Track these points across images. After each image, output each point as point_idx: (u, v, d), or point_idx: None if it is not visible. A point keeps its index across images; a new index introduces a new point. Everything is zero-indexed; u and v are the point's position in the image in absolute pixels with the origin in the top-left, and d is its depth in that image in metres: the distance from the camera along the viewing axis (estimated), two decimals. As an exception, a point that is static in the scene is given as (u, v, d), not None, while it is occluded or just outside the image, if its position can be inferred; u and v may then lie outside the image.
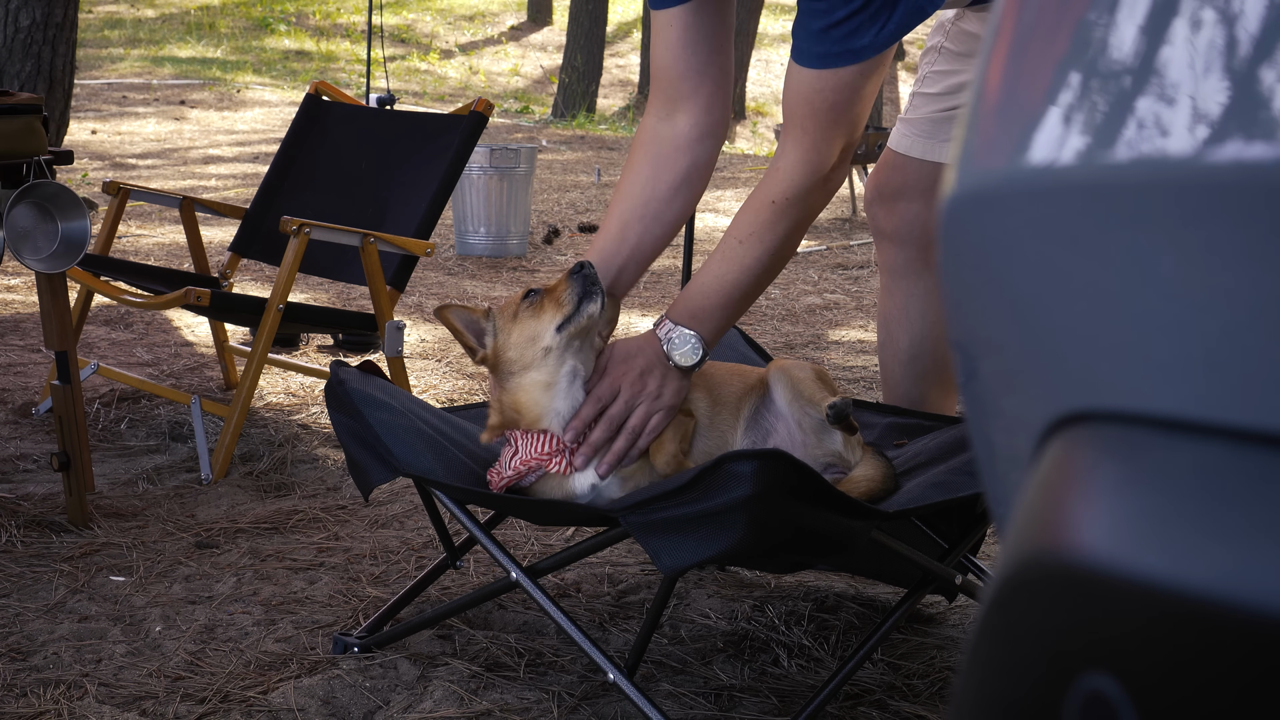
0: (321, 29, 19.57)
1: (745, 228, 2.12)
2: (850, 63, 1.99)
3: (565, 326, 2.07)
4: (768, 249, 2.11)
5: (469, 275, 6.28)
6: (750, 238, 2.11)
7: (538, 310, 2.10)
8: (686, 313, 2.12)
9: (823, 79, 2.02)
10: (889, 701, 2.23)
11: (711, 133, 2.25)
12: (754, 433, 2.22)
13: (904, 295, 2.76)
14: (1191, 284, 0.57)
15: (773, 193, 2.10)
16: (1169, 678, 0.53)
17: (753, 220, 2.11)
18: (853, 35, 1.96)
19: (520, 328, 2.10)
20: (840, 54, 1.98)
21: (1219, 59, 0.57)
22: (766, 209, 2.10)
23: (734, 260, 2.12)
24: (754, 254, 2.11)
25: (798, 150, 2.08)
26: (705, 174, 2.28)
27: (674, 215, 2.26)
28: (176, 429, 3.70)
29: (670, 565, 1.84)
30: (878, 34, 1.96)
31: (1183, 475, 0.57)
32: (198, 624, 2.46)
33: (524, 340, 2.09)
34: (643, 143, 2.27)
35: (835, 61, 1.99)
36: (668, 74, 2.23)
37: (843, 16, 1.94)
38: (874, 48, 1.97)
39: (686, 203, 2.27)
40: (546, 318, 2.08)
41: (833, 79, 2.01)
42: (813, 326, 5.38)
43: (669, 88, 2.24)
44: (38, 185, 2.77)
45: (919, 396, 2.76)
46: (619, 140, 12.99)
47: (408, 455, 2.10)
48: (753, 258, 2.11)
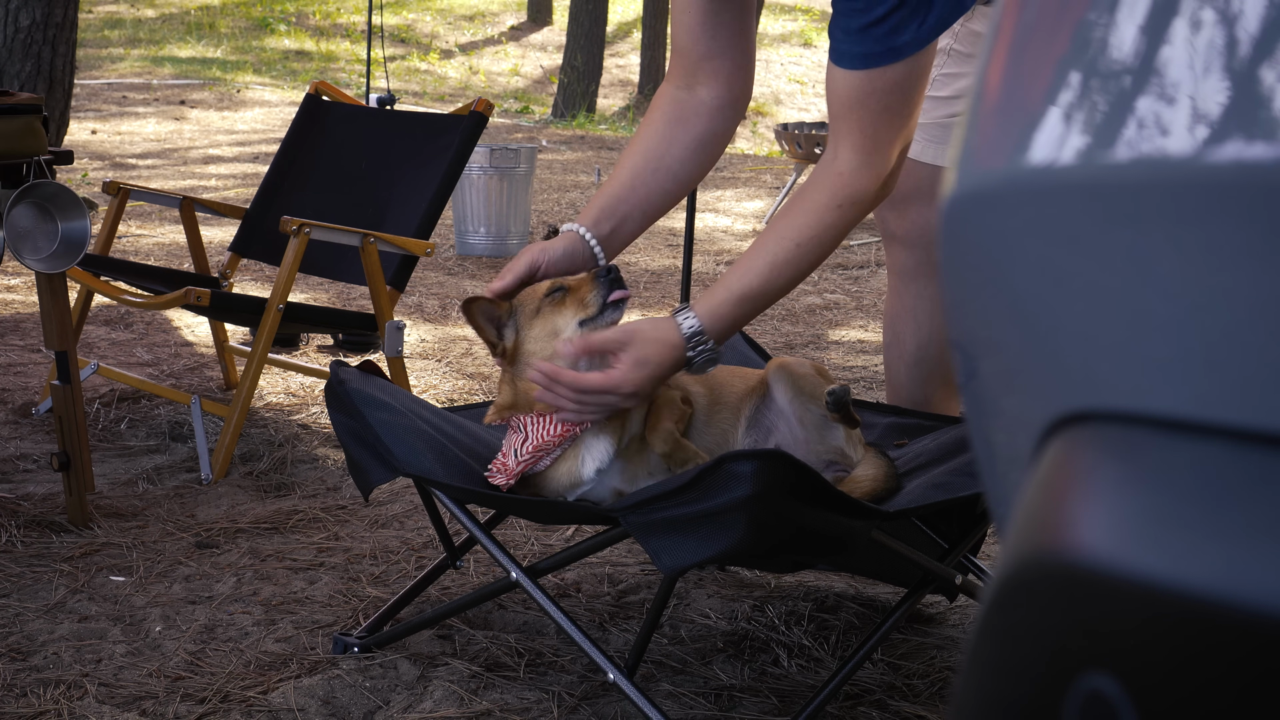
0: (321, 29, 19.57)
1: (806, 230, 2.03)
2: (892, 60, 1.94)
3: (587, 325, 2.05)
4: (823, 253, 2.05)
5: (469, 275, 6.28)
6: (811, 241, 2.03)
7: (559, 306, 2.08)
8: (728, 323, 2.02)
9: (871, 81, 1.97)
10: (889, 701, 2.23)
11: (732, 105, 2.21)
12: (755, 431, 2.22)
13: (912, 297, 2.76)
14: (1191, 284, 0.57)
15: (838, 197, 2.02)
16: (1169, 678, 0.53)
17: (816, 224, 2.03)
18: (894, 33, 1.92)
19: (542, 322, 2.09)
20: (883, 53, 1.95)
21: (1219, 59, 0.57)
22: (831, 212, 2.02)
23: (790, 265, 2.03)
24: (810, 259, 2.04)
25: (858, 155, 2.02)
26: (721, 143, 2.24)
27: (686, 175, 2.21)
28: (176, 429, 3.70)
29: (670, 565, 1.84)
30: (919, 29, 1.92)
31: (1182, 475, 0.57)
32: (198, 624, 2.46)
33: (544, 334, 2.08)
34: (661, 105, 2.22)
35: (878, 61, 1.95)
36: (688, 55, 2.20)
37: (882, 14, 1.91)
38: (916, 43, 1.94)
39: (700, 165, 2.22)
40: (568, 314, 2.06)
41: (880, 80, 1.96)
42: (813, 326, 5.38)
43: (690, 66, 2.20)
44: (38, 185, 2.77)
45: (924, 398, 2.76)
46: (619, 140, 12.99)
47: (408, 455, 2.10)
48: (808, 263, 2.04)
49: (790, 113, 16.31)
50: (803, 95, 17.08)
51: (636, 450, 2.11)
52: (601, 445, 2.09)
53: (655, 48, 16.68)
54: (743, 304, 2.03)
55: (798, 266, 2.04)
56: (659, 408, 2.11)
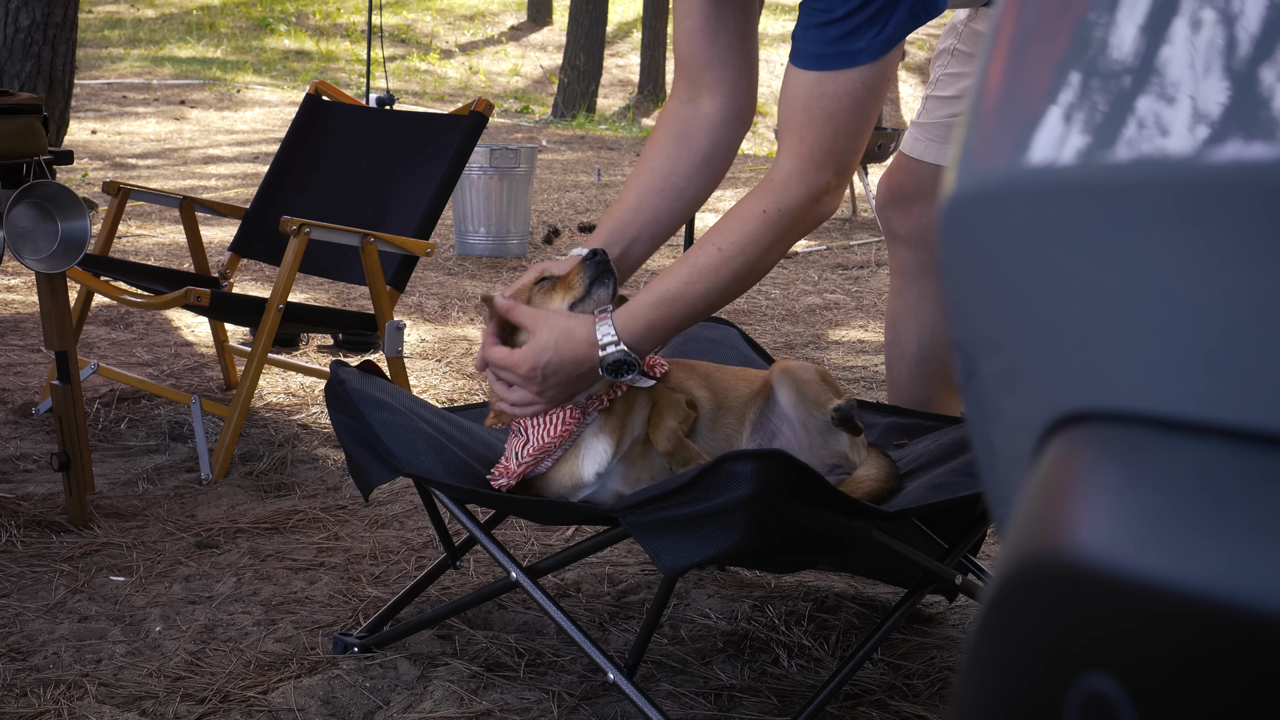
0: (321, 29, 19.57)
1: (728, 236, 2.02)
2: (846, 65, 1.95)
3: (576, 308, 2.07)
4: (749, 263, 2.02)
5: (469, 275, 6.28)
6: (731, 247, 2.01)
7: (548, 294, 2.11)
8: (642, 327, 2.02)
9: (822, 84, 1.97)
10: (889, 701, 2.23)
11: (736, 116, 2.20)
12: (759, 435, 2.22)
13: (914, 297, 2.76)
14: (1191, 284, 0.57)
15: (764, 202, 2.01)
16: (1169, 678, 0.53)
17: (738, 230, 2.01)
18: (849, 37, 1.93)
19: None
20: (836, 55, 1.95)
21: (1219, 59, 0.57)
22: (756, 219, 2.01)
23: (708, 271, 2.01)
24: (732, 267, 2.01)
25: (794, 161, 2.00)
26: (728, 157, 2.23)
27: (693, 193, 2.21)
28: (176, 429, 3.70)
29: (670, 565, 1.84)
30: (875, 37, 1.93)
31: (1183, 475, 0.57)
32: (198, 624, 2.46)
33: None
34: (665, 123, 2.23)
35: (831, 64, 1.95)
36: (690, 62, 2.19)
37: (840, 15, 1.92)
38: (870, 51, 1.94)
39: (706, 182, 2.22)
40: (557, 300, 2.09)
41: (832, 85, 1.96)
42: (813, 326, 5.38)
43: (691, 74, 2.20)
44: (38, 185, 2.77)
45: (925, 398, 2.76)
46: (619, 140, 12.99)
47: (408, 455, 2.10)
48: (730, 270, 2.01)
49: (790, 113, 16.30)
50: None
51: (639, 454, 2.11)
52: (601, 446, 2.09)
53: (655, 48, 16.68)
54: (658, 307, 2.02)
55: (718, 272, 2.01)
56: (662, 408, 2.12)
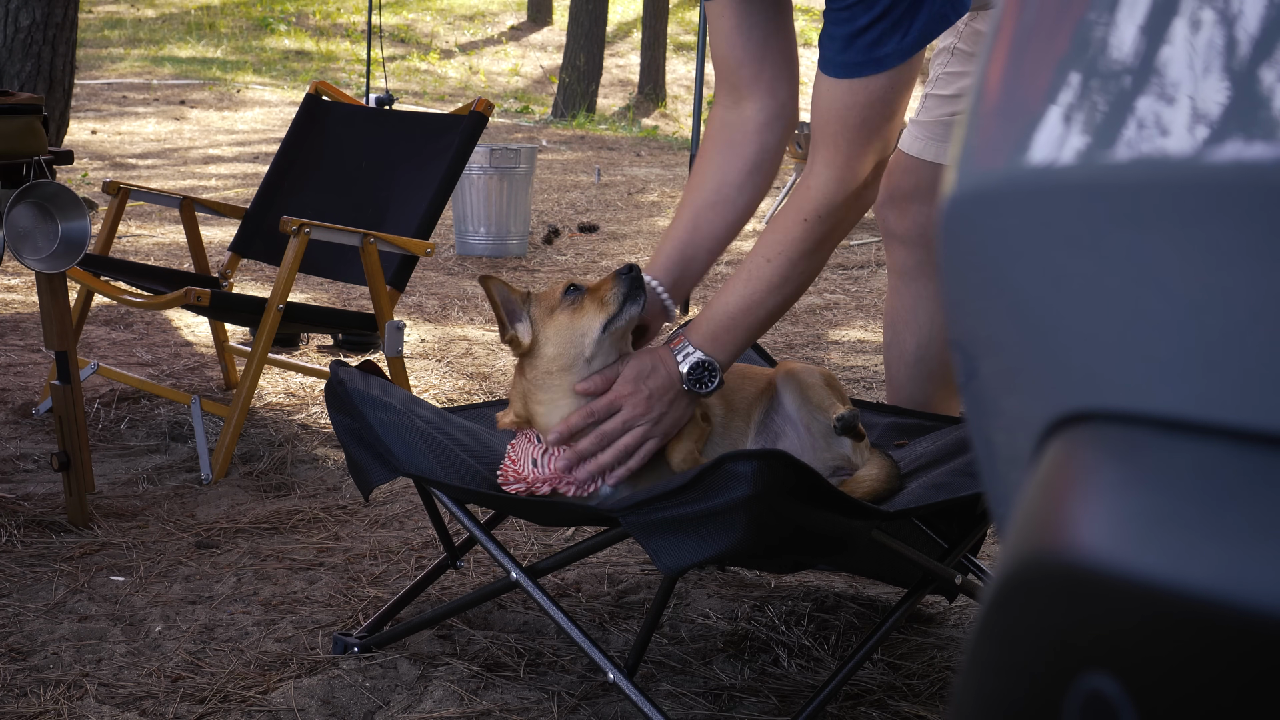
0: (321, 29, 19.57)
1: (774, 246, 2.07)
2: (874, 71, 1.97)
3: (610, 326, 2.06)
4: (796, 268, 2.07)
5: (469, 275, 6.28)
6: (779, 256, 2.06)
7: (578, 309, 2.08)
8: (709, 335, 2.08)
9: (853, 93, 1.99)
10: (889, 701, 2.23)
11: (779, 115, 2.22)
12: (764, 436, 2.22)
13: (913, 297, 2.76)
14: (1191, 284, 0.57)
15: (804, 210, 2.06)
16: (1169, 678, 0.53)
17: (782, 238, 2.07)
18: (876, 44, 1.95)
19: (559, 323, 2.08)
20: (864, 63, 1.97)
21: (1219, 59, 0.57)
22: (798, 226, 2.06)
23: (760, 279, 2.07)
24: (781, 273, 2.07)
25: (830, 168, 2.04)
26: (776, 159, 2.25)
27: (745, 201, 2.23)
28: (176, 429, 3.70)
29: (670, 565, 1.84)
30: (901, 40, 1.95)
31: (1182, 475, 0.57)
32: (198, 624, 2.46)
33: (564, 338, 2.07)
34: (712, 133, 2.24)
35: (859, 71, 1.98)
36: (726, 63, 2.21)
37: (865, 24, 1.94)
38: (897, 55, 1.96)
39: (758, 188, 2.24)
40: (589, 316, 2.06)
41: (863, 93, 1.99)
42: (813, 326, 5.38)
43: (730, 76, 2.21)
44: (38, 185, 2.77)
45: (924, 398, 2.76)
46: (619, 140, 12.99)
47: (408, 455, 2.10)
48: (780, 277, 2.07)
49: (790, 113, 16.30)
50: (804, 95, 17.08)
51: (650, 465, 2.11)
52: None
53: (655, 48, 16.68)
54: (721, 319, 2.08)
55: (770, 281, 2.07)
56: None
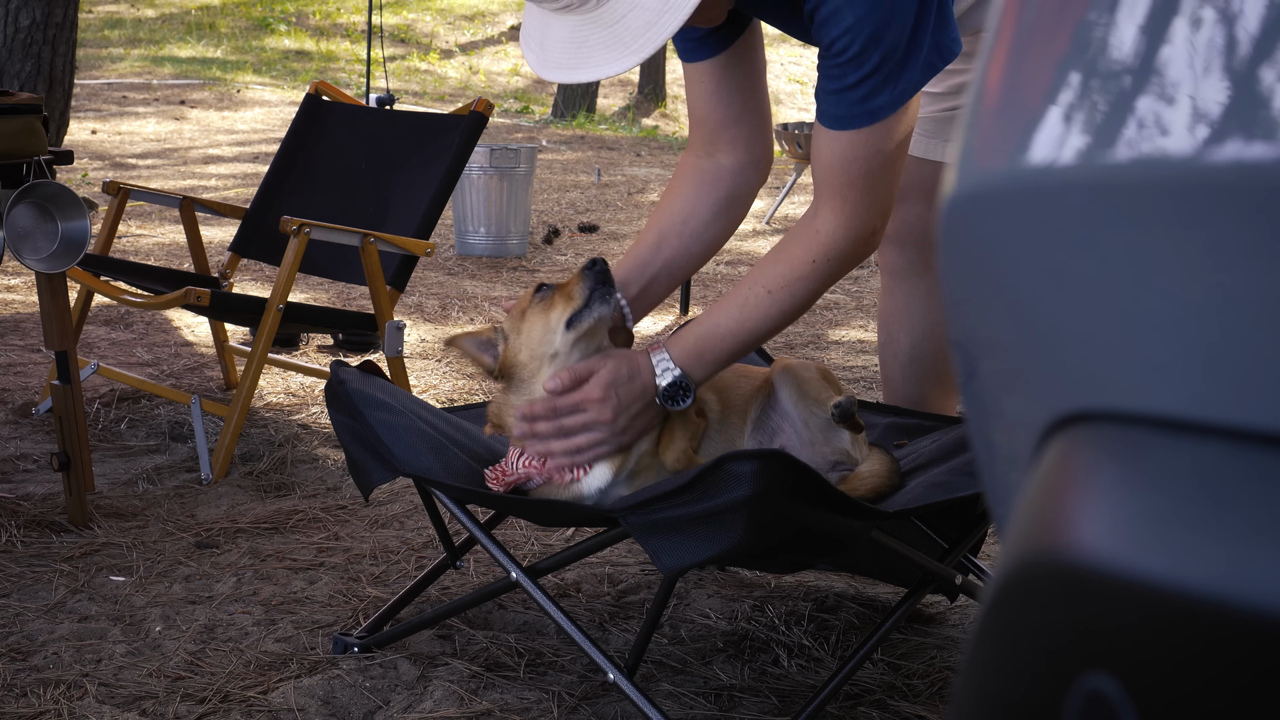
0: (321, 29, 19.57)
1: (778, 279, 2.07)
2: (868, 124, 1.98)
3: (575, 323, 2.04)
4: (797, 305, 2.08)
5: (469, 275, 6.28)
6: (781, 290, 2.06)
7: (548, 305, 2.08)
8: (694, 353, 2.07)
9: (854, 146, 2.01)
10: (889, 701, 2.23)
11: (754, 165, 2.26)
12: (761, 433, 2.22)
13: (905, 296, 2.76)
14: (1191, 284, 0.57)
15: (813, 252, 2.06)
16: (1169, 678, 0.53)
17: (787, 274, 2.07)
18: (868, 98, 1.96)
19: (529, 324, 2.08)
20: (857, 116, 1.98)
21: (1219, 59, 0.57)
22: (805, 265, 2.06)
23: (758, 310, 2.07)
24: (780, 307, 2.07)
25: (838, 217, 2.05)
26: (746, 204, 2.28)
27: (711, 237, 2.26)
28: (176, 429, 3.70)
29: (670, 565, 1.84)
30: (893, 92, 1.97)
31: (1182, 475, 0.57)
32: (198, 624, 2.46)
33: (534, 337, 2.07)
34: (683, 173, 2.27)
35: (853, 123, 1.99)
36: (705, 123, 2.24)
37: (855, 80, 1.95)
38: (890, 107, 1.98)
39: (725, 228, 2.27)
40: (556, 314, 2.06)
41: (863, 146, 2.00)
42: (813, 326, 5.38)
43: (708, 136, 2.24)
44: (38, 185, 2.77)
45: (919, 397, 2.76)
46: (619, 140, 12.99)
47: (408, 455, 2.10)
48: (778, 310, 2.07)
49: (790, 113, 16.31)
50: (803, 95, 17.08)
51: (646, 465, 2.10)
52: (601, 469, 2.08)
53: (655, 48, 16.62)
54: (708, 339, 2.08)
55: (767, 311, 2.07)
56: (673, 425, 2.11)
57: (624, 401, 2.03)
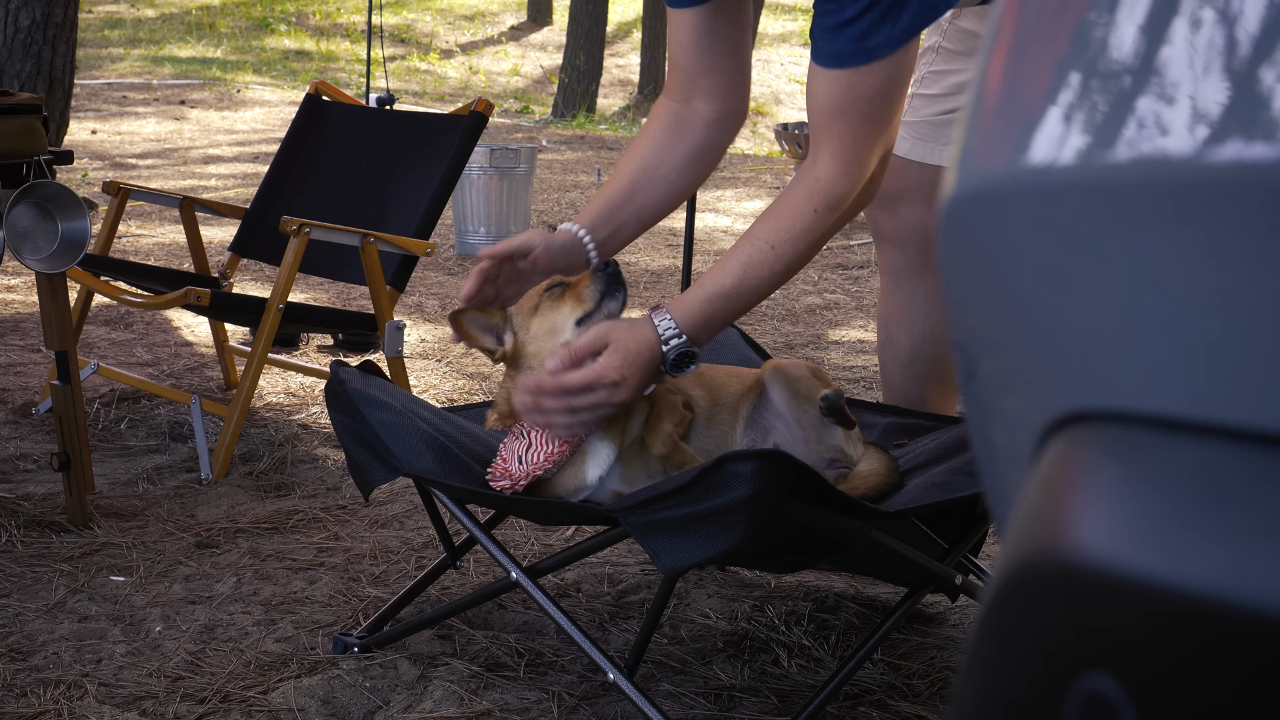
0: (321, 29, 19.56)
1: (780, 233, 2.05)
2: (864, 62, 1.97)
3: (585, 321, 2.05)
4: (800, 256, 2.07)
5: (469, 275, 6.27)
6: (785, 244, 2.05)
7: (558, 302, 2.08)
8: (700, 320, 2.03)
9: (851, 87, 1.99)
10: (889, 701, 2.23)
11: (729, 118, 2.25)
12: (753, 431, 2.22)
13: (905, 297, 2.76)
14: (1191, 284, 0.57)
15: (814, 200, 2.05)
16: (1169, 677, 0.53)
17: (789, 225, 2.05)
18: (866, 35, 1.95)
19: (539, 320, 2.09)
20: (854, 53, 1.97)
21: (1219, 59, 0.57)
22: (807, 216, 2.05)
23: (763, 265, 2.05)
24: (784, 261, 2.06)
25: (836, 160, 2.03)
26: (718, 155, 2.28)
27: (683, 184, 2.26)
28: (176, 429, 3.70)
29: (670, 565, 1.84)
30: (891, 30, 1.95)
31: (1182, 475, 0.57)
32: (198, 624, 2.46)
33: (543, 333, 2.08)
34: (658, 115, 2.27)
35: (850, 61, 1.98)
36: (685, 70, 2.24)
37: (854, 14, 1.94)
38: (888, 45, 1.96)
39: (696, 176, 2.27)
40: (566, 310, 2.07)
41: (861, 87, 1.99)
42: (813, 326, 5.38)
43: (686, 81, 2.24)
44: (38, 185, 2.77)
45: (919, 398, 2.76)
46: (619, 140, 12.99)
47: (408, 455, 2.10)
48: (782, 265, 2.06)
49: (790, 112, 16.31)
50: (802, 95, 17.07)
51: (636, 454, 2.10)
52: (604, 450, 2.09)
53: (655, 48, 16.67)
54: (715, 301, 2.04)
55: (772, 268, 2.05)
56: (659, 411, 2.11)
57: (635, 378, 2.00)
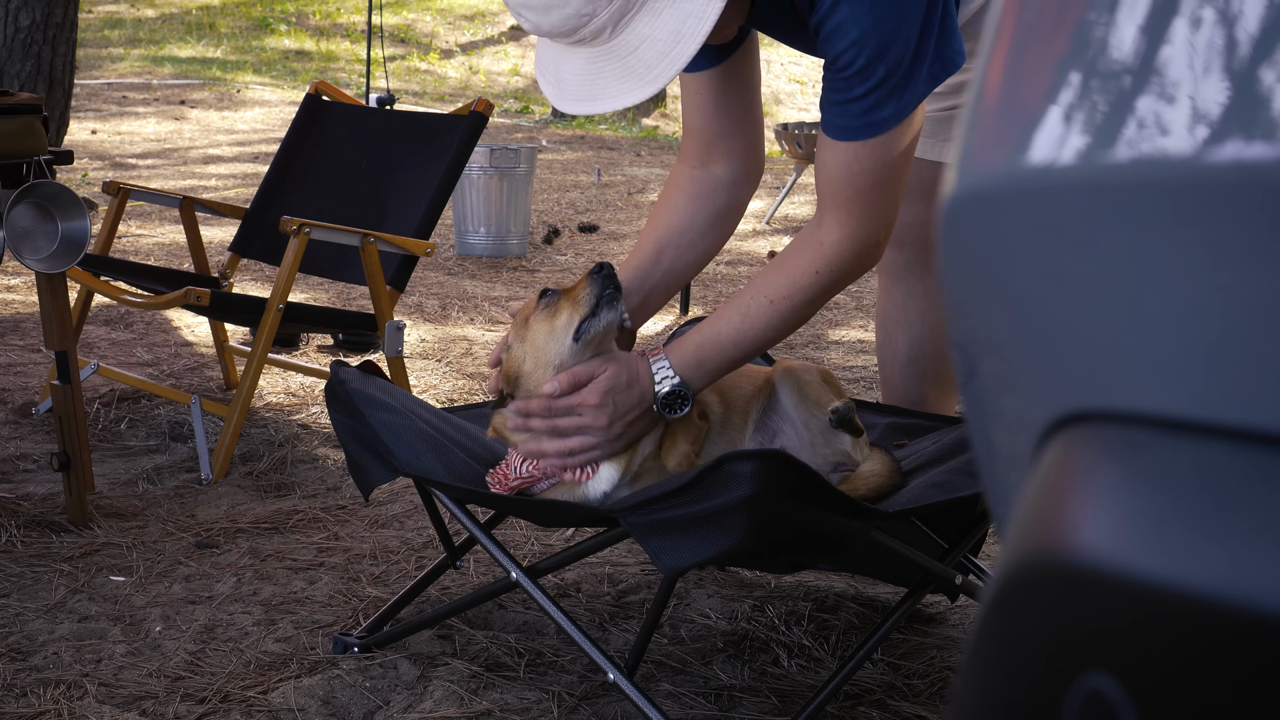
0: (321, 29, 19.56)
1: (780, 289, 2.07)
2: (872, 135, 1.99)
3: (583, 333, 2.02)
4: (798, 315, 2.08)
5: (469, 275, 6.28)
6: (784, 301, 2.06)
7: (553, 311, 2.05)
8: (693, 362, 2.06)
9: (859, 159, 2.00)
10: (889, 701, 2.23)
11: (748, 178, 2.27)
12: (762, 434, 2.22)
13: (903, 296, 2.76)
14: (1191, 283, 0.57)
15: (817, 263, 2.06)
16: (1169, 677, 0.53)
17: (790, 284, 2.06)
18: (873, 110, 1.97)
19: (534, 332, 2.05)
20: (862, 127, 1.99)
21: (1219, 59, 0.57)
22: (808, 277, 2.06)
23: (759, 319, 2.07)
24: (782, 316, 2.07)
25: (843, 228, 2.04)
26: (739, 214, 2.31)
27: (707, 247, 2.28)
28: (176, 429, 3.70)
29: (670, 565, 1.84)
30: (897, 105, 1.97)
31: (1182, 475, 0.57)
32: (198, 624, 2.46)
33: (538, 347, 2.05)
34: (678, 184, 2.28)
35: (858, 134, 1.99)
36: (702, 135, 2.25)
37: (860, 94, 1.95)
38: (894, 119, 1.98)
39: (720, 238, 2.29)
40: (563, 320, 2.04)
41: (869, 158, 2.00)
42: (813, 326, 5.38)
43: (703, 147, 2.25)
44: (38, 185, 2.77)
45: (918, 397, 2.76)
46: (619, 140, 12.99)
47: (408, 455, 2.10)
48: (780, 320, 2.07)
49: (790, 113, 16.31)
50: (802, 95, 17.08)
51: (649, 467, 2.10)
52: (607, 473, 2.07)
53: (655, 48, 16.61)
54: (709, 347, 2.08)
55: (769, 321, 2.07)
56: (674, 429, 2.10)
57: (620, 409, 2.03)
